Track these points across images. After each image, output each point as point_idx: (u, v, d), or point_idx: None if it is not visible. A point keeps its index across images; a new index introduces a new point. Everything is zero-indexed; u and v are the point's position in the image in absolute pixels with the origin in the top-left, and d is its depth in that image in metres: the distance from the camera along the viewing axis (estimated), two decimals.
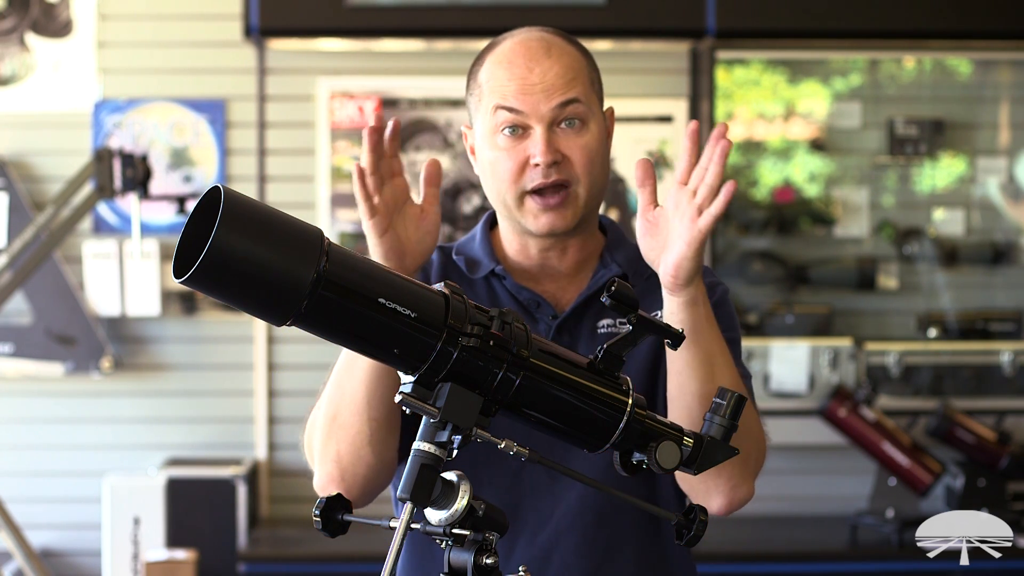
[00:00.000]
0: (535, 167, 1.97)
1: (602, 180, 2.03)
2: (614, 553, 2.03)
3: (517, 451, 1.60)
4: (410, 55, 4.86)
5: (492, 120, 1.99)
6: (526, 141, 1.97)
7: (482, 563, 1.58)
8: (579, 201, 2.00)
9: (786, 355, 4.71)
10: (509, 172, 1.98)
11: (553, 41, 2.00)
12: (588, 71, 2.02)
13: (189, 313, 4.82)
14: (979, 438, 4.53)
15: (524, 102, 1.96)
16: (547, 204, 1.98)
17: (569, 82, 1.98)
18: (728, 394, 1.71)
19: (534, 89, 1.96)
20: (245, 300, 1.48)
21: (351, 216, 4.84)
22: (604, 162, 2.04)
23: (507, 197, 2.00)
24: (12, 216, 4.73)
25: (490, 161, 2.00)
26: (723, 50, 4.77)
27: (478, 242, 2.11)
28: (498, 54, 2.01)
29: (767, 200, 5.02)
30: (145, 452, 4.79)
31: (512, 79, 1.97)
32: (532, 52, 1.98)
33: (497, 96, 1.98)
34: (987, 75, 5.11)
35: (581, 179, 1.99)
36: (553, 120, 1.97)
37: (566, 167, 1.98)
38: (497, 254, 2.09)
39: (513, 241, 2.08)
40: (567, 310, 2.05)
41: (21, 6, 4.82)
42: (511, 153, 1.98)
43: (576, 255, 2.07)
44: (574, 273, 2.08)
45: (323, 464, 1.97)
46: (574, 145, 1.98)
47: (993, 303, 5.06)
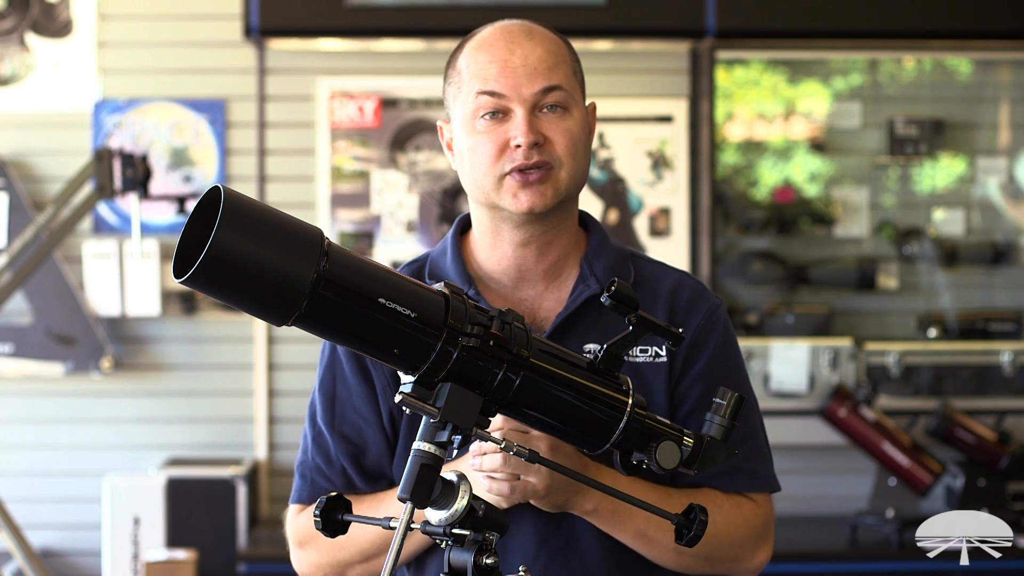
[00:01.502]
0: (516, 149, 1.90)
1: (584, 168, 1.96)
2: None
3: (518, 450, 1.60)
4: (410, 55, 4.86)
5: (472, 104, 1.92)
6: (506, 124, 1.91)
7: (482, 563, 1.58)
8: (560, 184, 1.92)
9: (786, 355, 4.71)
10: (489, 154, 1.91)
11: (534, 27, 1.96)
12: (570, 61, 1.97)
13: (189, 313, 4.82)
14: (979, 438, 4.53)
15: (505, 84, 1.90)
16: (527, 180, 1.90)
17: (551, 68, 1.92)
18: (728, 394, 1.71)
19: (516, 72, 1.91)
20: (245, 300, 1.48)
21: (351, 216, 4.84)
22: (586, 151, 1.97)
23: (485, 181, 1.92)
24: (12, 216, 4.73)
25: (469, 147, 1.93)
26: (723, 50, 4.77)
27: (450, 258, 2.02)
28: (477, 40, 1.96)
29: (767, 200, 5.02)
30: (145, 452, 4.79)
31: (493, 61, 1.92)
32: (513, 36, 1.94)
33: (478, 80, 1.92)
34: (987, 75, 5.11)
35: (564, 162, 1.92)
36: (535, 104, 1.91)
37: (548, 149, 1.91)
38: (470, 267, 2.01)
39: (487, 241, 1.99)
40: (547, 331, 1.97)
41: (21, 6, 4.82)
42: (491, 136, 1.91)
43: (554, 255, 1.99)
44: (551, 277, 2.00)
45: (302, 564, 2.06)
46: (557, 128, 1.92)
47: (993, 303, 5.06)
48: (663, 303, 2.00)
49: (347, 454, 2.01)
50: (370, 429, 2.00)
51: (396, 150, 4.84)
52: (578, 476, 1.66)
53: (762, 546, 2.02)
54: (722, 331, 2.02)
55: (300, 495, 2.05)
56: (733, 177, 5.05)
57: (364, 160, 4.83)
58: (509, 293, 2.01)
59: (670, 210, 4.85)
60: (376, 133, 4.83)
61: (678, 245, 4.83)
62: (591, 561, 1.96)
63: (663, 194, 4.85)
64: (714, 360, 1.99)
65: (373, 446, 2.00)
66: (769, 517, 2.03)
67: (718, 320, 2.02)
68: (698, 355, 1.99)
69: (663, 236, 4.85)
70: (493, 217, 1.97)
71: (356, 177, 4.84)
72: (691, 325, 1.99)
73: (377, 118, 4.83)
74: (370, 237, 4.84)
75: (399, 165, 4.84)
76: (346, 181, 4.83)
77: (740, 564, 2.01)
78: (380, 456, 2.00)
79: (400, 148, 4.84)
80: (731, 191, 5.02)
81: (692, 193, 4.84)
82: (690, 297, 2.02)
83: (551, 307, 2.00)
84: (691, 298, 2.02)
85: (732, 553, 1.99)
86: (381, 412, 1.99)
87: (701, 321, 2.00)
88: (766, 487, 2.05)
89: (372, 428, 2.00)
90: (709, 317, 2.01)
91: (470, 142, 1.93)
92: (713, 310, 2.02)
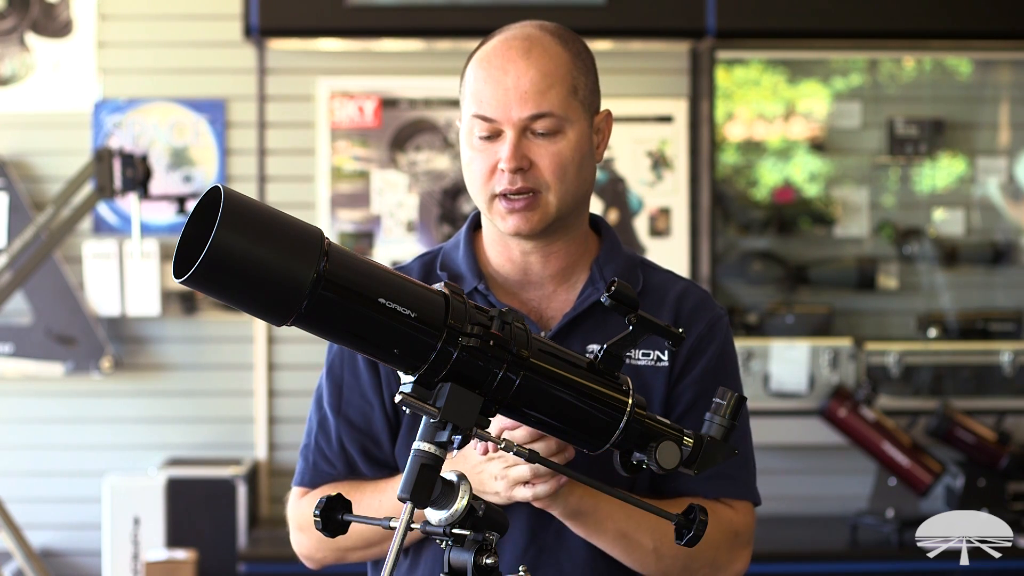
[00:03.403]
0: (502, 172, 1.93)
1: (578, 188, 1.97)
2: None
3: (518, 450, 1.60)
4: (410, 55, 4.86)
5: (468, 124, 1.97)
6: (498, 144, 1.93)
7: (482, 563, 1.58)
8: (549, 208, 1.94)
9: (786, 355, 4.71)
10: (481, 174, 1.95)
11: (538, 42, 1.95)
12: (572, 76, 1.95)
13: (189, 313, 4.82)
14: (979, 438, 4.53)
15: (495, 109, 1.92)
16: (512, 207, 1.93)
17: (543, 92, 1.92)
18: (728, 394, 1.71)
19: (508, 94, 1.91)
20: (245, 300, 1.48)
21: (351, 216, 4.84)
22: (581, 170, 1.97)
23: (478, 199, 1.97)
24: (12, 216, 4.73)
25: (466, 161, 1.98)
26: (723, 50, 4.77)
27: (462, 252, 2.06)
28: (481, 53, 1.98)
29: (767, 200, 5.02)
30: (145, 452, 4.79)
31: (488, 82, 1.93)
32: (511, 53, 1.94)
33: (474, 102, 1.95)
34: (987, 75, 5.11)
35: (551, 186, 1.93)
36: (524, 127, 1.92)
37: (533, 174, 1.93)
38: (480, 263, 2.05)
39: (496, 243, 2.04)
40: (552, 330, 2.00)
41: (21, 6, 4.82)
42: (484, 155, 1.94)
43: (560, 261, 2.02)
44: (560, 280, 2.03)
45: (302, 547, 2.08)
46: (544, 152, 1.93)
47: (993, 303, 5.06)
48: (668, 310, 2.03)
49: (351, 438, 2.03)
50: (376, 415, 2.02)
51: (396, 150, 4.84)
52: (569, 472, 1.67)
53: (739, 553, 2.02)
54: (721, 341, 2.04)
55: (302, 478, 2.08)
56: (733, 177, 5.05)
57: (364, 160, 4.83)
58: (517, 292, 2.03)
59: (670, 210, 4.85)
60: (376, 133, 4.83)
61: (678, 245, 4.83)
62: (579, 558, 1.98)
63: (663, 194, 4.85)
64: (709, 367, 2.02)
65: (378, 431, 2.02)
66: (749, 525, 2.04)
67: (719, 330, 2.05)
68: (696, 362, 2.02)
69: (663, 236, 4.85)
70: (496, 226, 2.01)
71: (356, 177, 4.84)
72: (693, 333, 2.02)
73: (377, 118, 4.83)
74: (370, 237, 4.84)
75: (399, 165, 4.84)
76: (346, 181, 4.83)
77: (717, 571, 2.01)
78: (385, 441, 2.03)
79: (400, 148, 4.84)
80: (731, 191, 5.02)
81: (692, 193, 4.84)
82: (694, 305, 2.04)
83: (559, 307, 2.02)
84: (695, 306, 2.04)
85: (709, 557, 1.99)
86: (385, 398, 2.01)
87: (702, 330, 2.03)
88: (748, 496, 2.05)
89: (377, 414, 2.02)
90: (711, 327, 2.03)
91: (467, 156, 1.98)
92: (715, 320, 2.05)
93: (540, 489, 1.84)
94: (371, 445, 2.03)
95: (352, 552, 2.03)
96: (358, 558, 2.05)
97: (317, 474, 2.06)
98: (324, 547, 2.03)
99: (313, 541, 2.05)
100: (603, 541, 1.95)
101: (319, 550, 2.05)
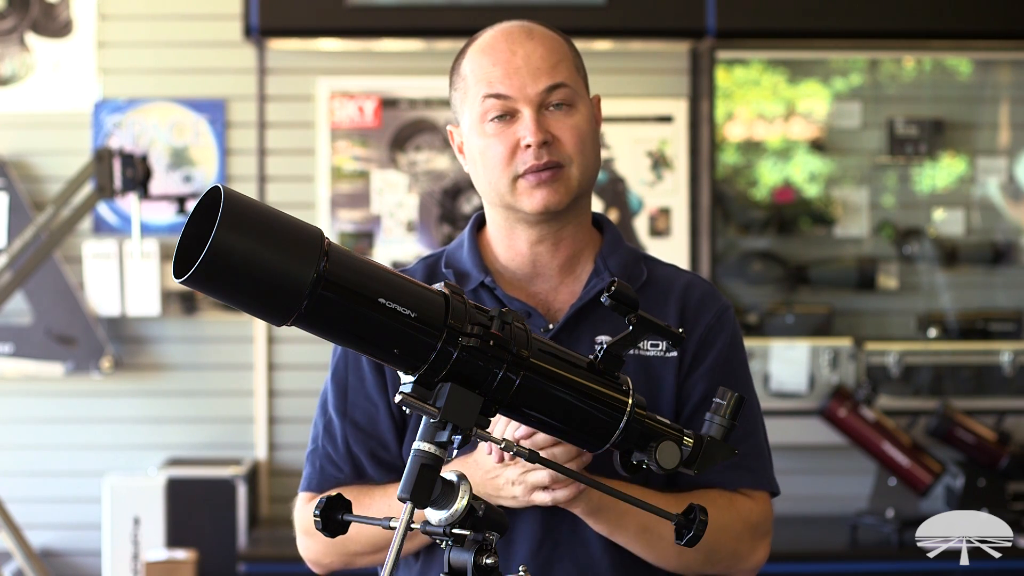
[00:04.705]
0: (526, 149, 1.93)
1: (594, 163, 2.00)
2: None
3: (518, 450, 1.60)
4: (410, 55, 4.86)
5: (480, 109, 1.95)
6: (515, 125, 1.94)
7: (482, 563, 1.58)
8: (572, 182, 1.95)
9: (786, 355, 4.71)
10: (500, 157, 1.94)
11: (534, 27, 1.99)
12: (572, 57, 1.99)
13: (189, 313, 4.82)
14: (979, 438, 4.53)
15: (510, 86, 1.93)
16: (540, 179, 1.93)
17: (554, 65, 1.95)
18: (728, 394, 1.71)
19: (520, 72, 1.93)
20: (245, 300, 1.48)
21: (351, 216, 4.84)
22: (595, 146, 2.00)
23: (499, 184, 1.96)
24: (12, 216, 4.73)
25: (480, 150, 1.96)
26: (723, 50, 4.77)
27: (466, 250, 2.07)
28: (479, 44, 1.99)
29: (767, 200, 5.02)
30: (145, 452, 4.79)
31: (497, 63, 1.94)
32: (514, 37, 1.96)
33: (483, 84, 1.95)
34: (987, 75, 5.11)
35: (574, 159, 1.95)
36: (541, 103, 1.94)
37: (557, 148, 1.94)
38: (486, 260, 2.05)
39: (503, 239, 2.04)
40: (560, 321, 2.00)
41: (21, 6, 4.82)
42: (501, 138, 1.94)
43: (568, 249, 2.02)
44: (566, 272, 2.04)
45: (309, 552, 2.08)
46: (564, 126, 1.95)
47: (993, 303, 5.06)
48: (675, 302, 2.03)
49: (357, 440, 2.03)
50: (381, 416, 2.02)
51: (396, 150, 4.84)
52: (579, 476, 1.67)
53: (760, 543, 2.03)
54: (731, 332, 2.05)
55: (309, 483, 2.07)
56: (733, 177, 5.05)
57: (364, 160, 4.83)
58: (524, 286, 2.04)
59: (670, 210, 4.85)
60: (376, 133, 4.83)
61: (678, 245, 4.83)
62: (595, 551, 1.98)
63: (663, 194, 4.85)
64: (721, 358, 2.02)
65: (384, 432, 2.02)
66: (768, 515, 2.05)
67: (727, 321, 2.05)
68: (706, 353, 2.02)
69: (663, 236, 4.85)
70: (508, 217, 2.01)
71: (356, 177, 4.84)
72: (701, 324, 2.03)
73: (377, 118, 4.83)
74: (370, 237, 4.84)
75: (399, 165, 4.84)
76: (346, 181, 4.83)
77: (738, 561, 2.02)
78: (391, 443, 2.02)
79: (400, 148, 4.84)
80: (731, 191, 5.02)
81: (692, 193, 4.84)
82: (701, 297, 2.05)
83: (565, 299, 2.03)
84: (702, 297, 2.05)
85: (731, 548, 2.00)
86: (390, 399, 2.01)
87: (711, 320, 2.04)
88: (765, 485, 2.06)
89: (383, 415, 2.02)
90: (719, 317, 2.04)
91: (481, 145, 1.96)
92: (723, 311, 2.06)
93: (560, 494, 1.84)
94: (377, 447, 2.03)
95: (360, 557, 2.02)
96: (366, 563, 2.04)
97: (324, 478, 2.05)
98: (331, 551, 2.03)
99: (320, 546, 2.04)
100: (625, 537, 1.95)
101: (326, 555, 2.04)
